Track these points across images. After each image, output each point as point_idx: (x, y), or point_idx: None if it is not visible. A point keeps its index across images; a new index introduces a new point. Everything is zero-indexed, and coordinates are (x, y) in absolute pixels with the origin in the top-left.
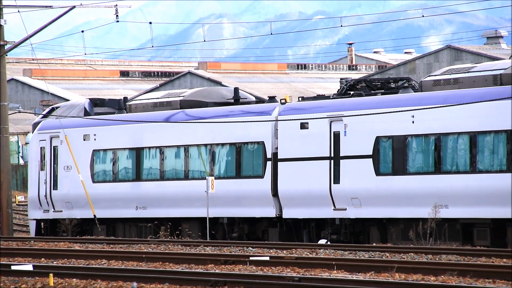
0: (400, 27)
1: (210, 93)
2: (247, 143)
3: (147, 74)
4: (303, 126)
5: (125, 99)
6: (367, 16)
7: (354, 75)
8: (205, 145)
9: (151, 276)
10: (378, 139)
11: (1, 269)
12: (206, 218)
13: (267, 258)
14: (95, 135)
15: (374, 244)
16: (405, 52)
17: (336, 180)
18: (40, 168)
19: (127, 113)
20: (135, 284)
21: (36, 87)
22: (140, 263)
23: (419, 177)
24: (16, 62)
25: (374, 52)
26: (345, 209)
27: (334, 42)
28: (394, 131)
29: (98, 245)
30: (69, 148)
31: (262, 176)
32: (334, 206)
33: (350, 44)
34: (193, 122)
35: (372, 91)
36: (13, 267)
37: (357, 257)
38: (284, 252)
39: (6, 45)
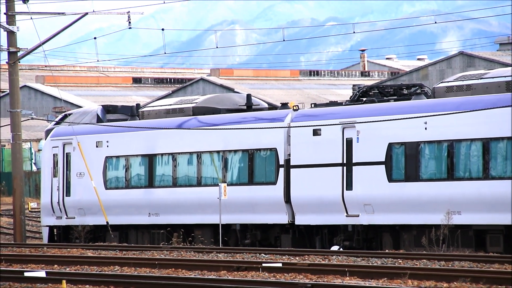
0: (413, 33)
1: (222, 99)
2: (259, 149)
3: (159, 81)
4: (316, 132)
5: (138, 105)
6: (380, 23)
7: (367, 82)
8: (218, 151)
9: (163, 283)
10: (390, 146)
11: (14, 276)
12: (218, 224)
13: (280, 265)
14: (107, 141)
15: (386, 251)
16: (418, 59)
17: (349, 186)
18: (53, 174)
19: (139, 119)
20: None
21: (48, 93)
22: (153, 270)
23: (431, 184)
24: (29, 69)
25: (387, 58)
26: (358, 216)
27: (346, 49)
28: (407, 137)
29: (111, 251)
30: (81, 155)
31: (274, 183)
32: (347, 212)
33: (363, 50)
34: (205, 129)
35: (385, 98)
36: (26, 274)
37: (370, 264)
38: (297, 258)
39: (19, 52)
